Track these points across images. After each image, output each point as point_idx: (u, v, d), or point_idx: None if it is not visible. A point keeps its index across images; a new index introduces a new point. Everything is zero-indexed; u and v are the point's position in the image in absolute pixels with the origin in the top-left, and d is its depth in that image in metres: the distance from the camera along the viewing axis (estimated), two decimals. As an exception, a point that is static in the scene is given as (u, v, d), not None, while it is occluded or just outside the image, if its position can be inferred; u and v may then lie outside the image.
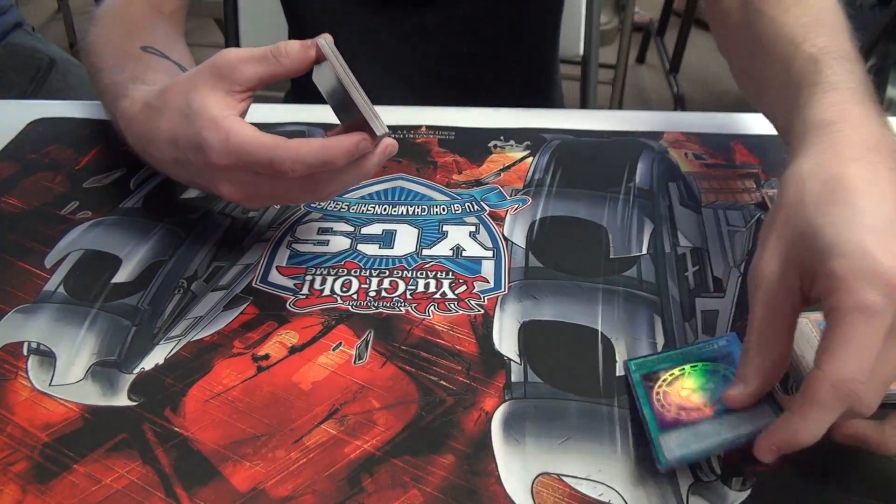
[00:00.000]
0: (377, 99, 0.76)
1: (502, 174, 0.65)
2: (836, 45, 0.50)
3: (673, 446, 0.41)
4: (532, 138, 0.70)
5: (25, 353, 0.49)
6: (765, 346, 0.39)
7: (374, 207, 0.62)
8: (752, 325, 0.39)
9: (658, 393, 0.44)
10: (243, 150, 0.47)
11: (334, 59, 0.48)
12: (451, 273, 0.55)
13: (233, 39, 1.09)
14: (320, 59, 0.49)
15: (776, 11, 0.56)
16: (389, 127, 0.50)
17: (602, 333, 0.50)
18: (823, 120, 0.43)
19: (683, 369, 0.45)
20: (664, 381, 0.45)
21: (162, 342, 0.50)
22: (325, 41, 0.48)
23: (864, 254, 0.35)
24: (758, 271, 0.39)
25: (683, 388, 0.44)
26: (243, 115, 0.50)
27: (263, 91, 0.53)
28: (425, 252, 0.57)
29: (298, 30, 0.91)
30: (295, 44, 0.48)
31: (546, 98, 0.95)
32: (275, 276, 0.55)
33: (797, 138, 0.44)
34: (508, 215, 0.60)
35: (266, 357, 0.48)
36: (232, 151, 0.47)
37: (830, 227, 0.36)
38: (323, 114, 0.74)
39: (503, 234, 0.58)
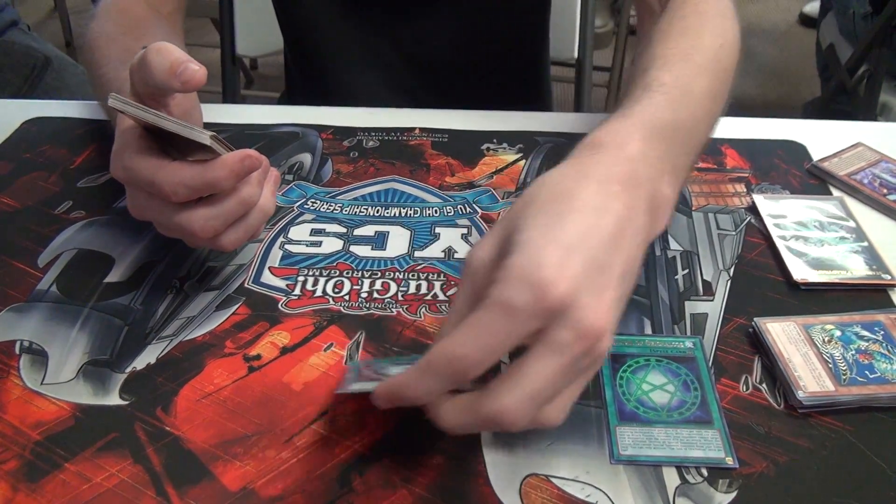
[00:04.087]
0: (370, 104, 0.77)
1: (495, 177, 0.66)
2: (676, 82, 0.49)
3: (627, 442, 0.43)
4: (525, 141, 0.70)
5: (17, 351, 0.49)
6: (455, 325, 0.36)
7: (366, 209, 0.62)
8: (454, 305, 0.39)
9: (622, 378, 0.46)
10: (131, 169, 0.46)
11: (130, 109, 0.45)
12: (442, 275, 0.55)
13: (229, 39, 1.09)
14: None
15: (657, 40, 0.55)
16: (384, 129, 0.50)
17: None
18: (595, 140, 0.42)
19: (649, 360, 0.47)
20: (629, 366, 0.47)
21: (154, 342, 0.50)
22: (113, 99, 0.45)
23: (534, 257, 0.34)
24: (472, 252, 0.38)
25: (645, 382, 0.46)
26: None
27: (258, 92, 0.53)
28: (417, 254, 0.57)
29: (291, 35, 0.91)
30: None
31: (537, 103, 0.96)
32: (267, 277, 0.55)
33: (579, 144, 0.43)
34: (500, 218, 0.61)
35: (258, 357, 0.49)
36: (126, 167, 0.46)
37: (530, 230, 0.36)
38: (318, 114, 0.75)
39: (495, 237, 0.59)
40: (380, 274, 0.55)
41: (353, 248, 0.58)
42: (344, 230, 0.60)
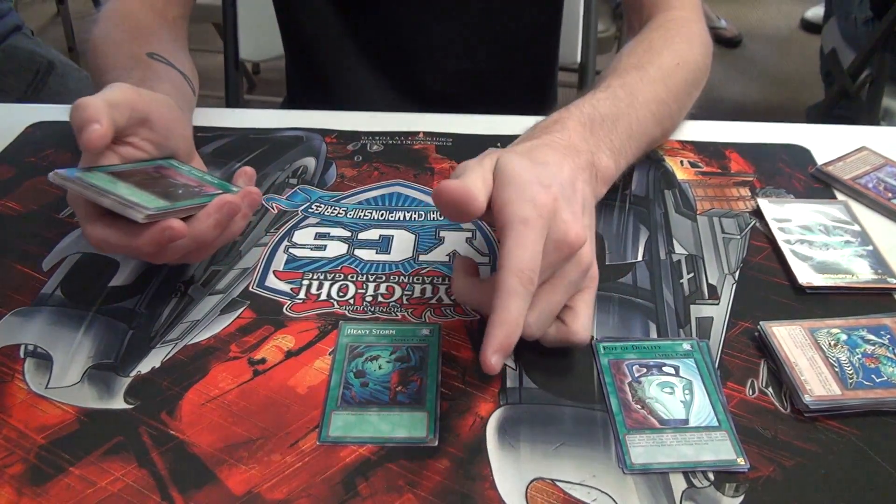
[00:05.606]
0: (373, 107, 0.77)
1: (499, 181, 0.66)
2: (622, 86, 0.59)
3: (639, 451, 0.43)
4: (529, 145, 0.70)
5: (22, 355, 0.49)
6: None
7: (371, 213, 0.62)
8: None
9: (627, 384, 0.46)
10: (103, 240, 0.48)
11: (68, 185, 0.47)
12: (447, 279, 0.55)
13: (232, 44, 1.09)
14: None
15: (624, 53, 0.65)
16: (388, 133, 0.50)
17: (597, 339, 0.50)
18: (544, 123, 0.54)
19: (653, 365, 0.47)
20: (633, 372, 0.47)
21: (158, 346, 0.50)
22: (55, 175, 0.47)
23: (525, 186, 0.44)
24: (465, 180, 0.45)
25: (650, 387, 0.46)
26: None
27: (261, 96, 0.53)
28: (422, 258, 0.57)
29: (293, 41, 0.91)
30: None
31: (542, 109, 0.96)
32: (272, 281, 0.55)
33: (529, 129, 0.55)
34: (505, 221, 0.61)
35: (262, 361, 0.49)
36: (97, 238, 0.48)
37: (513, 171, 0.45)
38: (322, 119, 0.75)
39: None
40: (384, 278, 0.55)
41: (358, 252, 0.58)
42: (348, 234, 0.60)
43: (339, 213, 0.62)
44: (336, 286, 0.54)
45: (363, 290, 0.54)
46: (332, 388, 0.46)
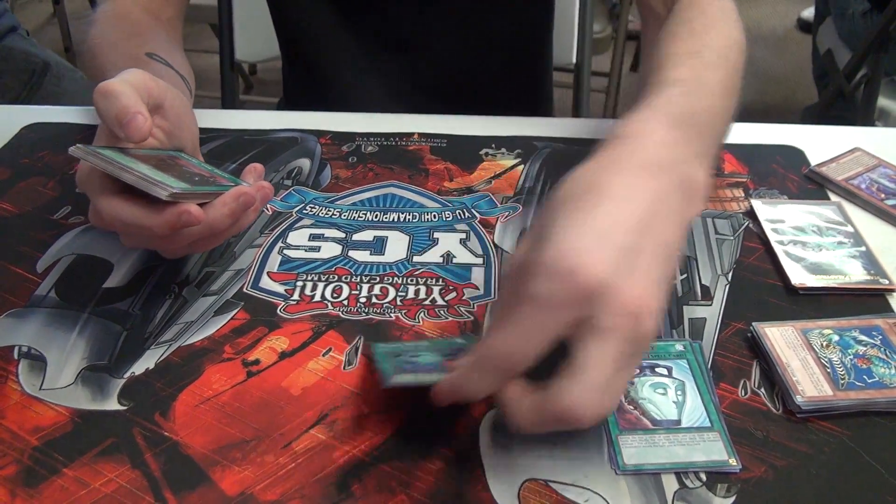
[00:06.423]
0: (369, 108, 0.77)
1: (493, 182, 0.66)
2: (692, 76, 0.50)
3: (631, 451, 0.43)
4: (523, 146, 0.71)
5: (16, 356, 0.49)
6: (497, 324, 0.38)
7: (365, 214, 0.62)
8: (497, 303, 0.42)
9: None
10: (113, 215, 0.47)
11: (91, 158, 0.45)
12: (441, 280, 0.55)
13: (227, 45, 1.09)
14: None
15: (666, 39, 0.57)
16: (382, 134, 0.50)
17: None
18: (621, 132, 0.43)
19: (645, 366, 0.48)
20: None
21: (152, 347, 0.50)
22: (77, 149, 0.46)
23: (562, 248, 0.35)
24: (512, 255, 0.40)
25: (643, 389, 0.46)
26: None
27: (257, 97, 0.53)
28: (416, 259, 0.57)
29: (289, 42, 0.91)
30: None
31: (537, 110, 0.96)
32: (266, 282, 0.55)
33: (601, 143, 0.44)
34: (499, 223, 0.61)
35: (256, 362, 0.49)
36: (107, 213, 0.47)
37: (560, 223, 0.37)
38: (317, 120, 0.75)
39: (493, 242, 0.59)
40: (378, 279, 0.55)
41: (352, 253, 0.58)
42: (342, 235, 0.60)
43: (333, 214, 0.62)
44: (330, 287, 0.54)
45: (357, 292, 0.54)
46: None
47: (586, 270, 0.34)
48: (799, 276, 0.54)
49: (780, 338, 0.49)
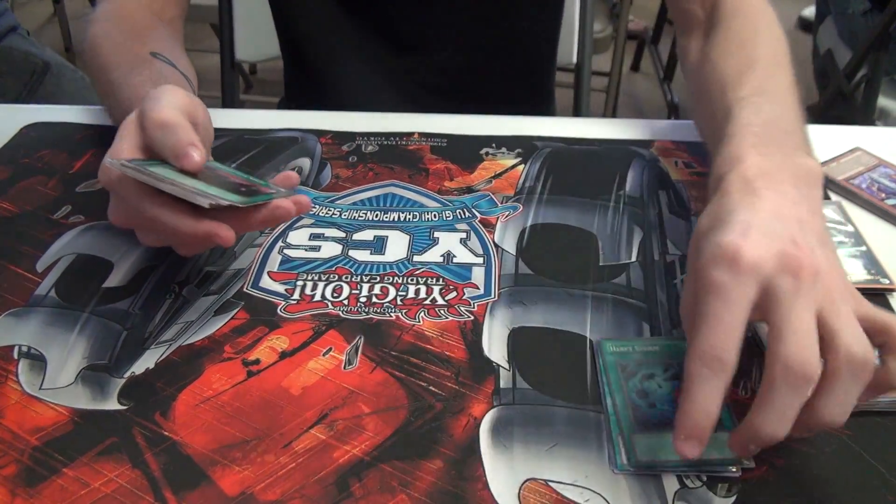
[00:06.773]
0: (371, 107, 0.77)
1: (494, 181, 0.66)
2: (760, 87, 0.54)
3: (644, 448, 0.42)
4: (524, 146, 0.71)
5: (16, 356, 0.49)
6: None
7: (365, 213, 0.62)
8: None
9: (630, 385, 0.46)
10: (159, 221, 0.48)
11: (129, 171, 0.46)
12: (441, 279, 0.55)
13: (228, 45, 1.09)
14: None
15: (718, 57, 0.60)
16: (382, 134, 0.50)
17: (591, 340, 0.50)
18: (718, 174, 0.47)
19: (654, 365, 0.47)
20: (635, 372, 0.47)
21: (153, 347, 0.50)
22: (118, 163, 0.46)
23: (716, 244, 0.39)
24: (682, 308, 0.43)
25: (656, 388, 0.46)
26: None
27: (258, 97, 0.53)
28: (416, 258, 0.57)
29: (290, 41, 0.91)
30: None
31: (539, 110, 0.96)
32: (266, 282, 0.55)
33: (709, 188, 0.48)
34: (499, 222, 0.61)
35: (256, 362, 0.49)
36: (154, 219, 0.48)
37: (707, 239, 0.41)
38: (317, 119, 0.75)
39: (494, 241, 0.59)
40: (379, 278, 0.55)
41: (352, 253, 0.58)
42: (343, 235, 0.60)
43: (333, 213, 0.62)
44: (330, 287, 0.54)
45: (357, 291, 0.54)
46: (621, 409, 0.45)
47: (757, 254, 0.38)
48: (799, 276, 0.54)
49: (780, 337, 0.49)
